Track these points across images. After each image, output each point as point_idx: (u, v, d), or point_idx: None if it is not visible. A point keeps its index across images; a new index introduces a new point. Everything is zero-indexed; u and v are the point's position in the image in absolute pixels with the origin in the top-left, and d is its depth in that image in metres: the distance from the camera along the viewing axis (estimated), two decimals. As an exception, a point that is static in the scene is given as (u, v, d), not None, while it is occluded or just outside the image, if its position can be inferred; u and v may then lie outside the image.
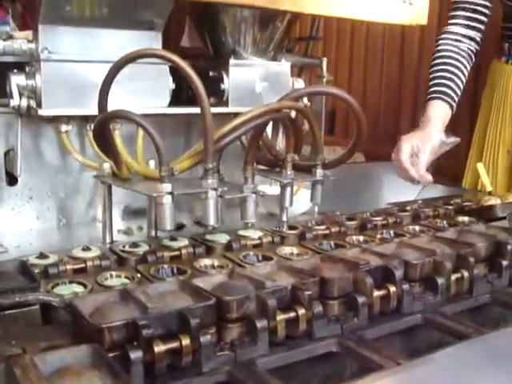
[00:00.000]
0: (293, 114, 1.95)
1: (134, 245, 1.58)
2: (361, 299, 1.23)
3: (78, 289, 1.29)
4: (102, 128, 1.46)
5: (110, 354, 0.97)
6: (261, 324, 1.09)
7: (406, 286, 1.31)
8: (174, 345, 1.01)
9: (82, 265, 1.43)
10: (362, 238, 1.73)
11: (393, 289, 1.29)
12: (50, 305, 1.15)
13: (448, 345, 1.19)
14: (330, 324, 1.20)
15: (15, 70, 1.72)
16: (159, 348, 0.99)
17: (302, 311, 1.15)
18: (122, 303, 1.09)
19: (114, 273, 1.39)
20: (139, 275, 1.38)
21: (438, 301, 1.36)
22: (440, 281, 1.37)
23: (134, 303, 1.07)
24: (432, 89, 2.57)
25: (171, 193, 1.38)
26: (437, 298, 1.36)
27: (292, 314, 1.15)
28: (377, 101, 4.07)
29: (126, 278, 1.37)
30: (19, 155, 1.83)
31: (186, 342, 1.01)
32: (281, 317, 1.13)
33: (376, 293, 1.27)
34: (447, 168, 3.31)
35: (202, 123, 1.41)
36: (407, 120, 3.93)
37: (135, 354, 0.97)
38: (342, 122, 4.21)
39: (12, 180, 1.93)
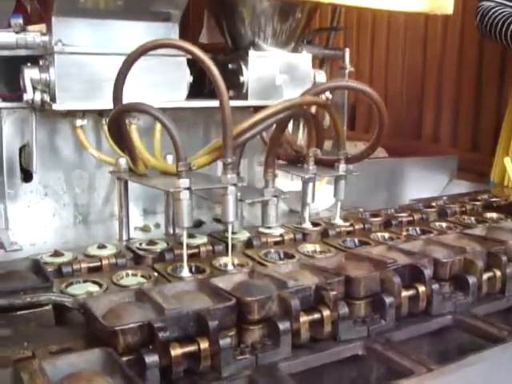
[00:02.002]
0: (312, 108, 1.90)
1: (151, 242, 1.53)
2: (388, 299, 1.17)
3: (93, 288, 1.24)
4: (117, 122, 1.41)
5: (124, 358, 0.92)
6: (283, 326, 1.04)
7: (435, 286, 1.24)
8: (191, 348, 0.96)
9: (97, 263, 1.38)
10: (387, 235, 1.67)
11: (422, 289, 1.23)
12: (63, 305, 1.11)
13: (480, 348, 1.13)
14: (355, 326, 1.14)
15: (29, 64, 1.67)
16: (176, 351, 0.94)
17: (326, 312, 1.09)
18: (138, 304, 1.03)
19: (129, 271, 1.34)
20: (156, 274, 1.33)
21: (468, 301, 1.30)
22: (471, 280, 1.30)
23: (150, 304, 1.02)
24: None
25: (189, 188, 1.32)
26: (467, 299, 1.30)
27: (316, 316, 1.09)
28: (399, 93, 3.98)
29: (143, 276, 1.32)
30: (34, 151, 1.79)
31: (204, 345, 0.96)
32: (304, 318, 1.07)
33: (404, 293, 1.20)
34: (471, 163, 3.23)
35: (220, 116, 1.35)
36: (430, 114, 3.84)
37: (151, 358, 0.91)
38: (363, 116, 4.13)
39: (27, 176, 1.89)
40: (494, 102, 3.43)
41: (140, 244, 1.52)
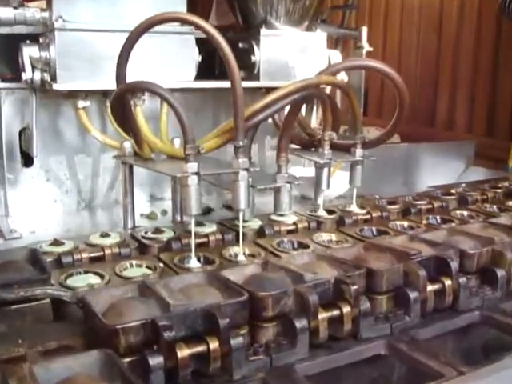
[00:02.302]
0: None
1: (157, 230, 1.44)
2: (413, 294, 1.09)
3: (94, 280, 1.16)
4: (120, 102, 1.32)
5: (126, 360, 0.83)
6: (300, 324, 0.95)
7: (462, 280, 1.15)
8: (200, 348, 0.87)
9: (100, 253, 1.30)
10: (406, 224, 1.57)
11: (448, 282, 1.14)
12: (61, 299, 1.03)
13: (509, 346, 1.04)
14: (377, 323, 1.06)
15: (28, 41, 1.58)
16: (183, 352, 0.85)
17: (346, 308, 1.00)
18: (141, 299, 0.95)
19: (134, 262, 1.25)
20: (162, 265, 1.24)
21: (497, 296, 1.21)
22: (500, 273, 1.21)
23: (155, 299, 0.93)
24: None
25: (197, 173, 1.23)
26: (496, 293, 1.21)
27: (335, 312, 1.00)
28: (412, 77, 3.85)
29: (148, 267, 1.23)
30: (34, 134, 1.70)
31: (214, 345, 0.87)
32: (323, 315, 0.99)
33: (429, 287, 1.12)
34: (487, 149, 3.13)
35: (232, 97, 1.26)
36: (445, 99, 3.73)
37: (155, 360, 0.83)
38: (375, 101, 4.02)
39: (28, 161, 1.81)
40: (510, 88, 3.31)
41: (145, 232, 1.44)
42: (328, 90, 1.85)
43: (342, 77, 2.01)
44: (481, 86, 3.53)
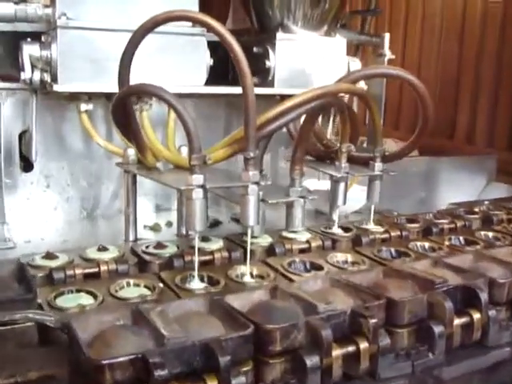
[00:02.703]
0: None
1: (159, 245, 1.34)
2: (438, 328, 0.98)
3: (86, 300, 1.05)
4: (122, 106, 1.22)
5: (111, 401, 0.73)
6: (311, 361, 0.85)
7: (492, 312, 1.04)
8: (196, 389, 0.77)
9: (95, 269, 1.19)
10: (427, 245, 1.46)
11: (477, 315, 1.03)
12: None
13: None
14: (398, 360, 0.95)
15: (29, 39, 1.49)
16: (177, 394, 0.75)
17: (364, 344, 0.90)
18: (133, 329, 0.84)
19: (131, 280, 1.15)
20: (161, 285, 1.13)
21: (529, 330, 1.09)
22: (533, 305, 1.10)
23: (149, 329, 0.83)
24: None
25: (203, 186, 1.13)
26: (528, 327, 1.09)
27: (351, 348, 0.90)
28: (432, 88, 3.72)
29: (146, 287, 1.13)
30: (34, 137, 1.61)
31: (212, 385, 0.76)
32: (337, 351, 0.88)
33: (456, 320, 1.00)
34: (510, 165, 3.00)
35: (243, 103, 1.15)
36: (466, 110, 3.60)
37: (144, 402, 0.73)
38: (393, 111, 3.90)
39: (27, 166, 1.71)
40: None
41: (146, 247, 1.34)
42: (345, 99, 1.75)
43: (361, 86, 1.91)
44: (503, 98, 3.40)
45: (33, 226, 1.68)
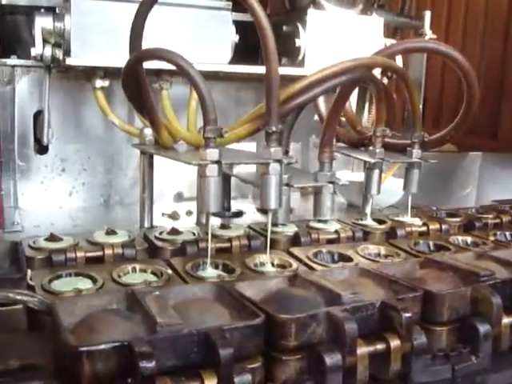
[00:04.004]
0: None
1: (174, 231, 1.23)
2: (483, 327, 0.85)
3: (84, 285, 0.94)
4: (133, 75, 1.11)
5: (88, 396, 0.61)
6: (332, 359, 0.72)
7: (546, 311, 0.89)
8: (191, 387, 0.65)
9: (99, 252, 1.08)
10: (469, 239, 1.32)
11: (528, 314, 0.88)
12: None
13: None
14: (435, 363, 0.82)
15: (42, 10, 1.39)
16: (166, 391, 0.63)
17: (395, 342, 0.76)
18: (125, 314, 0.73)
19: (137, 266, 1.04)
20: (170, 271, 1.02)
21: None
22: None
23: (141, 314, 0.71)
24: None
25: (218, 162, 1.01)
26: None
27: (380, 346, 0.76)
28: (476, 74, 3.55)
29: (153, 273, 1.02)
30: (46, 118, 1.52)
31: (210, 382, 0.64)
32: (363, 349, 0.75)
33: (505, 319, 0.86)
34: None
35: (265, 73, 1.03)
36: (510, 110, 3.42)
37: (128, 400, 0.61)
38: (433, 109, 3.72)
39: (42, 148, 1.62)
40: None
41: (160, 233, 1.22)
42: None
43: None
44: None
45: (45, 210, 1.59)
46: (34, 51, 1.40)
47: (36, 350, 0.77)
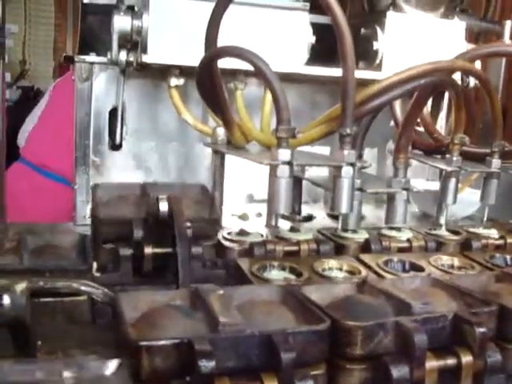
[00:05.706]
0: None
1: (242, 232, 1.22)
2: None
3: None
4: (207, 72, 1.10)
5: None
6: (399, 371, 0.69)
7: None
8: (251, 390, 0.63)
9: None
10: (554, 257, 1.24)
11: None
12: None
13: None
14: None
15: (123, 8, 1.41)
16: (226, 393, 0.61)
17: (467, 358, 0.72)
18: (187, 311, 0.72)
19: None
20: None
21: None
22: None
23: (204, 313, 0.70)
24: None
25: (289, 163, 0.99)
26: None
27: (450, 361, 0.72)
28: None
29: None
30: (119, 117, 1.54)
31: (271, 386, 0.62)
32: (432, 363, 0.71)
33: None
34: None
35: (342, 73, 1.01)
36: None
37: (186, 399, 0.60)
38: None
39: (116, 144, 1.64)
40: None
41: (228, 233, 1.21)
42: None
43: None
44: None
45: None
46: (109, 55, 1.42)
47: (97, 343, 0.78)
